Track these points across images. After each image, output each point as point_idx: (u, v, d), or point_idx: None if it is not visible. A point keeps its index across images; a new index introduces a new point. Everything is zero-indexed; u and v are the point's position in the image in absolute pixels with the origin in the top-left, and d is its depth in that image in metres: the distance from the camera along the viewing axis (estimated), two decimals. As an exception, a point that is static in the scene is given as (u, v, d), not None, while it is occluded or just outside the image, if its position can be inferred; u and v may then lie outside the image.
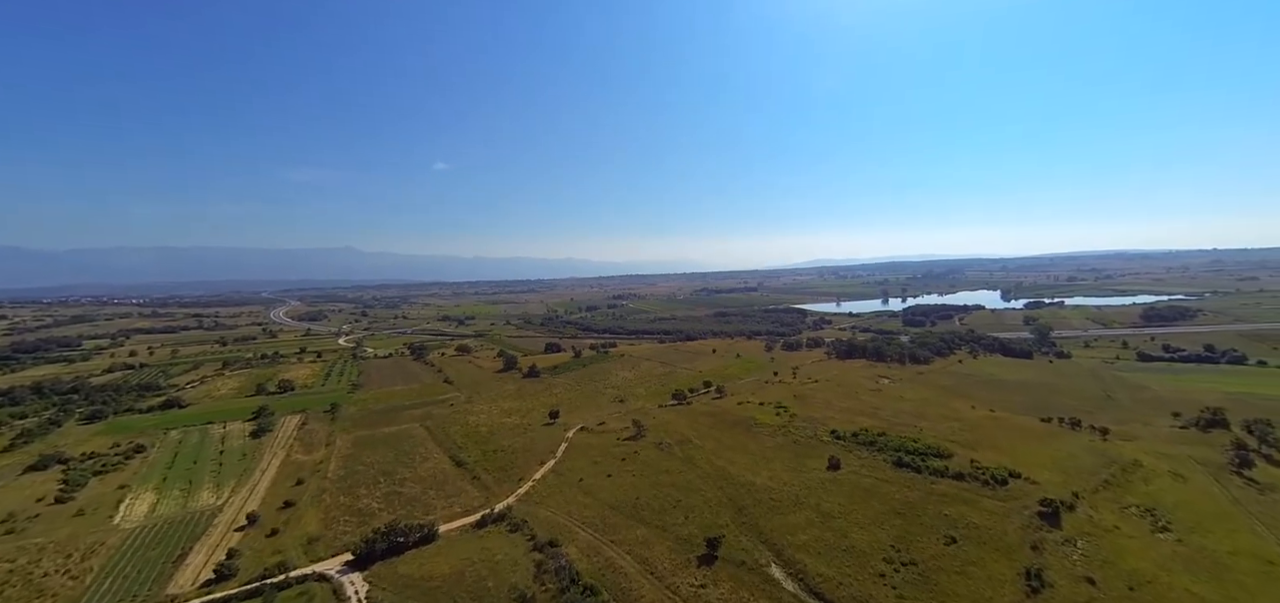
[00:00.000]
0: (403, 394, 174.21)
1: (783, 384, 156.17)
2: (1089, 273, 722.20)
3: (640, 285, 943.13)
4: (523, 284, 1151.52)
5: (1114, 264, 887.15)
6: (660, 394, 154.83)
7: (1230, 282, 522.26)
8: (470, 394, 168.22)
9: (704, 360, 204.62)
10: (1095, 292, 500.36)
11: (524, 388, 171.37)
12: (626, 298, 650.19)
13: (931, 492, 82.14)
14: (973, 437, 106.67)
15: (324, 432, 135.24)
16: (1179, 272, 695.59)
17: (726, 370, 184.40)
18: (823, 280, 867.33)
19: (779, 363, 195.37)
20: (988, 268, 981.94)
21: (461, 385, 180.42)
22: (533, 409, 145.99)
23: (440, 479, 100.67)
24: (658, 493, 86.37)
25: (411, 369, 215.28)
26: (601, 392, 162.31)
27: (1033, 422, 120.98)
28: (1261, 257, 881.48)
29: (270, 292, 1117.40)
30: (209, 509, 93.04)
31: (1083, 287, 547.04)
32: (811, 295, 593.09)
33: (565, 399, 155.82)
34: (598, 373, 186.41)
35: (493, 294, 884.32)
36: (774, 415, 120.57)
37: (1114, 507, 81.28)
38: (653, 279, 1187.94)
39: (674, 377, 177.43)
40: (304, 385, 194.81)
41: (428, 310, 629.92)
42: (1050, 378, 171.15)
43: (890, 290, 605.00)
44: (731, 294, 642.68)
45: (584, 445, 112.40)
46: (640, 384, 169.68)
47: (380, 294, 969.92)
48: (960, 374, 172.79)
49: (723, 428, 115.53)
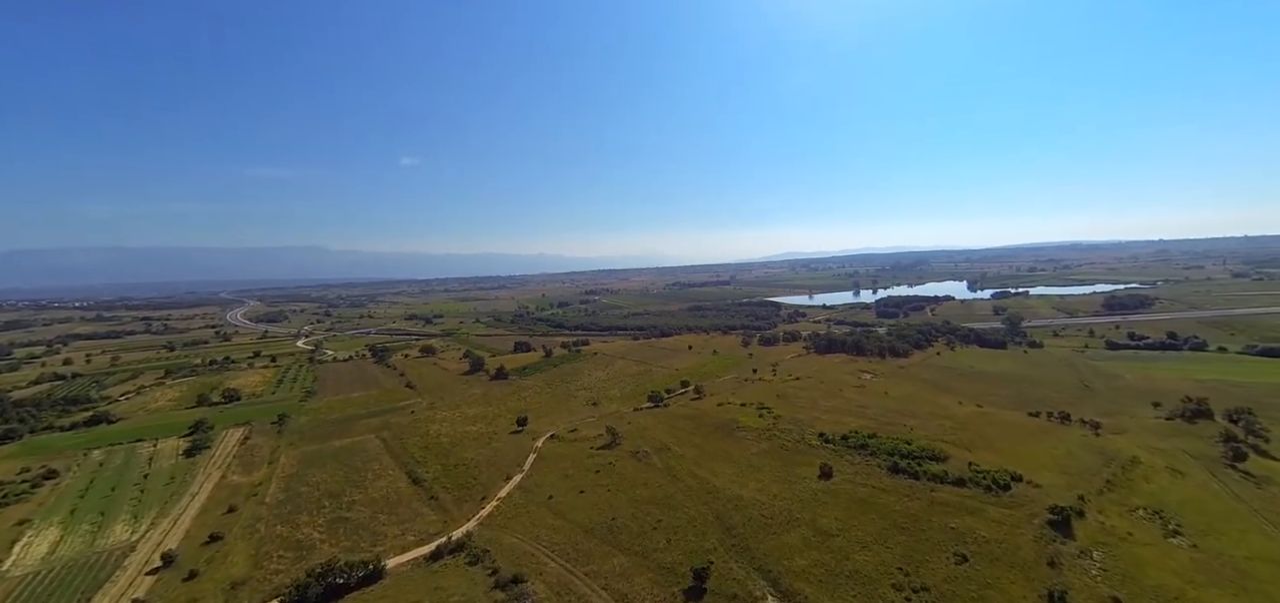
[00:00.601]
0: (360, 401, 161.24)
1: (763, 382, 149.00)
2: (1048, 264, 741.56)
3: (613, 280, 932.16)
4: (493, 281, 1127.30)
5: (1070, 255, 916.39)
6: (635, 395, 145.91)
7: (1177, 270, 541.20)
8: (433, 400, 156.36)
9: (680, 358, 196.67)
10: (1056, 282, 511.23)
11: (491, 391, 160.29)
12: (599, 293, 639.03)
13: (933, 501, 75.30)
14: (966, 436, 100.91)
15: (268, 447, 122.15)
16: (1130, 261, 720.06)
17: (704, 368, 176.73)
18: (794, 273, 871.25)
19: (757, 359, 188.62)
20: (953, 259, 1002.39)
21: (424, 390, 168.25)
22: (500, 415, 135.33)
23: (394, 500, 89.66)
24: (636, 512, 77.36)
25: (371, 373, 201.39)
26: (573, 394, 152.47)
27: (1021, 417, 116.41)
28: (1205, 247, 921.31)
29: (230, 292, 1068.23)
30: (120, 547, 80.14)
31: (1044, 277, 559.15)
32: (784, 288, 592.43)
33: (535, 403, 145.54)
34: (569, 373, 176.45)
35: (463, 291, 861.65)
36: (757, 417, 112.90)
37: (1121, 510, 75.90)
38: (626, 274, 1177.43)
39: (649, 376, 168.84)
40: (252, 394, 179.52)
41: (395, 309, 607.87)
42: (1027, 369, 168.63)
43: (861, 282, 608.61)
44: (705, 288, 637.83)
45: (554, 456, 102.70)
46: (614, 385, 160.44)
47: (346, 293, 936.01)
48: (941, 367, 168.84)
49: (704, 433, 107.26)
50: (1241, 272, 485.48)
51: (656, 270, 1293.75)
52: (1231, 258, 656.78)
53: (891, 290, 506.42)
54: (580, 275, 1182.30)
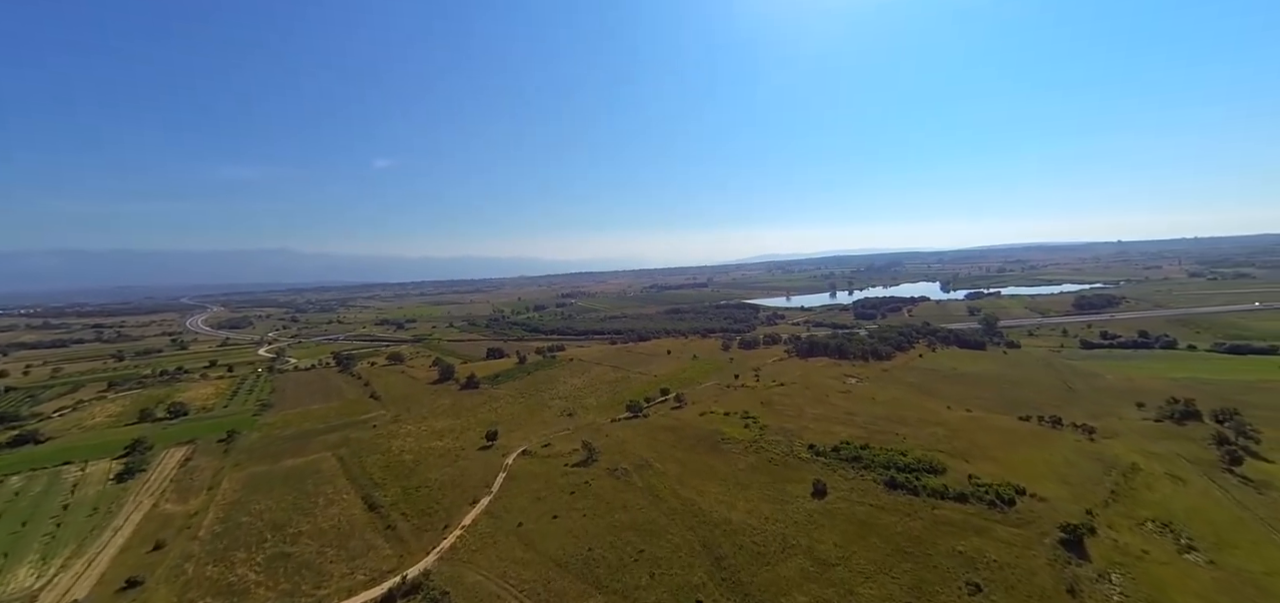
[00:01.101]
0: (319, 415, 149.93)
1: (746, 389, 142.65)
2: (1016, 265, 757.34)
3: (590, 283, 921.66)
4: (469, 284, 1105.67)
5: (1036, 256, 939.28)
6: (613, 405, 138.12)
7: (1138, 270, 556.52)
8: (398, 412, 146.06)
9: (659, 363, 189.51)
10: (1025, 282, 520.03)
11: (460, 402, 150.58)
12: (576, 296, 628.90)
13: (936, 520, 69.47)
14: (960, 444, 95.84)
15: (211, 469, 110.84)
16: (1093, 262, 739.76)
17: (684, 374, 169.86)
18: (771, 275, 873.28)
19: (738, 363, 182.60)
20: (925, 261, 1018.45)
21: (389, 401, 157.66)
22: (468, 428, 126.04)
23: (345, 531, 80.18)
24: (615, 541, 69.67)
25: (334, 383, 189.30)
26: (547, 404, 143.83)
27: (1012, 422, 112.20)
28: (1160, 248, 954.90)
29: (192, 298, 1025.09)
30: (20, 597, 69.22)
31: (1013, 277, 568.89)
32: (762, 290, 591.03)
33: (506, 414, 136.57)
34: (544, 381, 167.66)
35: (438, 295, 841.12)
36: (742, 428, 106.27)
37: (1130, 524, 71.19)
38: (603, 276, 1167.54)
39: (627, 383, 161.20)
40: (202, 407, 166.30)
41: (366, 314, 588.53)
42: (1008, 370, 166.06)
43: (837, 284, 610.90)
44: (682, 290, 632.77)
45: (526, 475, 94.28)
46: (591, 393, 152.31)
47: (317, 297, 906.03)
48: (924, 369, 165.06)
49: (687, 446, 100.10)
50: (1196, 271, 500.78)
51: (634, 273, 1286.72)
52: (1185, 258, 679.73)
53: (867, 291, 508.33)
54: (557, 278, 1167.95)
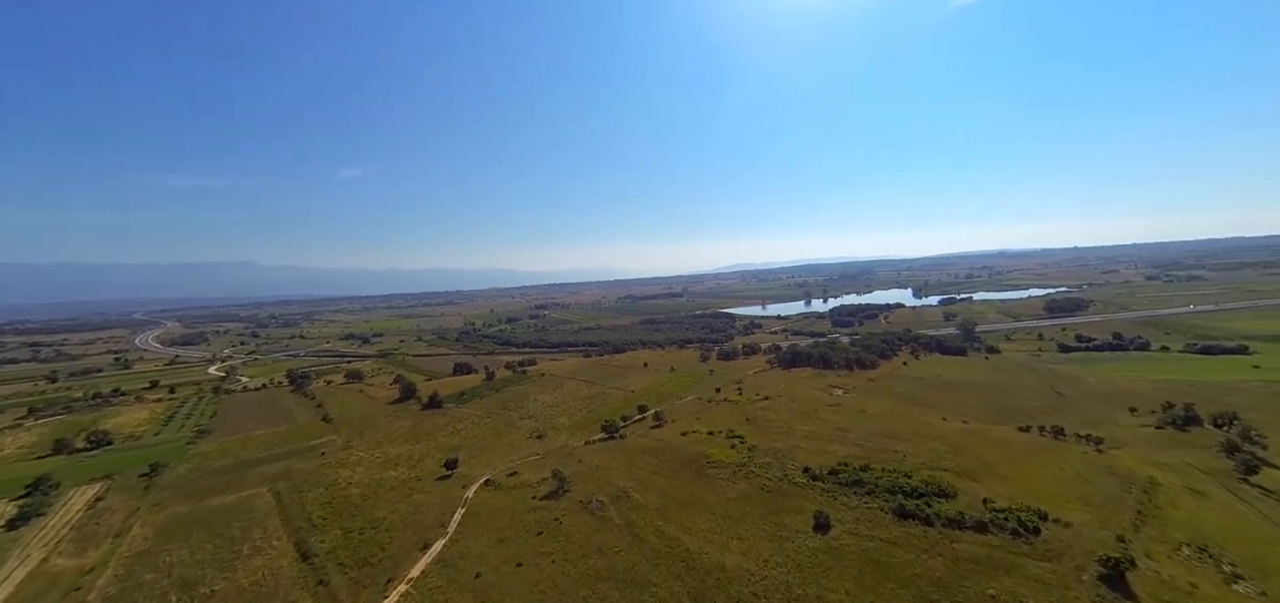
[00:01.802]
0: (262, 441, 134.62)
1: (730, 404, 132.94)
2: (982, 271, 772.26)
3: (564, 294, 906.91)
4: (440, 297, 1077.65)
5: (1000, 262, 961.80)
6: (587, 424, 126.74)
7: (1097, 274, 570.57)
8: (351, 436, 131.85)
9: (635, 376, 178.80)
10: (993, 287, 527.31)
11: (420, 424, 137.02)
12: (549, 307, 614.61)
13: (958, 556, 60.44)
14: (965, 461, 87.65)
15: (123, 511, 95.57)
16: (1053, 267, 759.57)
17: (662, 388, 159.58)
18: (745, 284, 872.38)
19: (719, 375, 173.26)
20: (896, 268, 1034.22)
21: (343, 424, 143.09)
22: (427, 455, 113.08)
23: (268, 589, 67.06)
24: (589, 595, 58.54)
25: (285, 404, 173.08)
26: (516, 424, 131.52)
27: (1011, 432, 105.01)
28: (1113, 253, 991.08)
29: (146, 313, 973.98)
30: None
31: (981, 283, 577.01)
32: (737, 299, 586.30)
33: (470, 437, 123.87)
34: (513, 399, 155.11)
35: (408, 308, 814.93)
36: (729, 449, 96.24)
37: (1166, 550, 63.43)
38: (577, 288, 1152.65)
39: (603, 399, 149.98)
40: (130, 436, 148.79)
41: (331, 328, 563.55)
42: (994, 376, 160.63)
43: (811, 292, 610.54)
44: (657, 301, 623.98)
45: (488, 511, 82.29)
46: (563, 411, 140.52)
47: (280, 312, 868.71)
48: (911, 378, 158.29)
49: (669, 472, 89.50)
50: (1152, 275, 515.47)
51: (608, 283, 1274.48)
52: (1138, 262, 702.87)
53: (843, 299, 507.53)
54: (531, 290, 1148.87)
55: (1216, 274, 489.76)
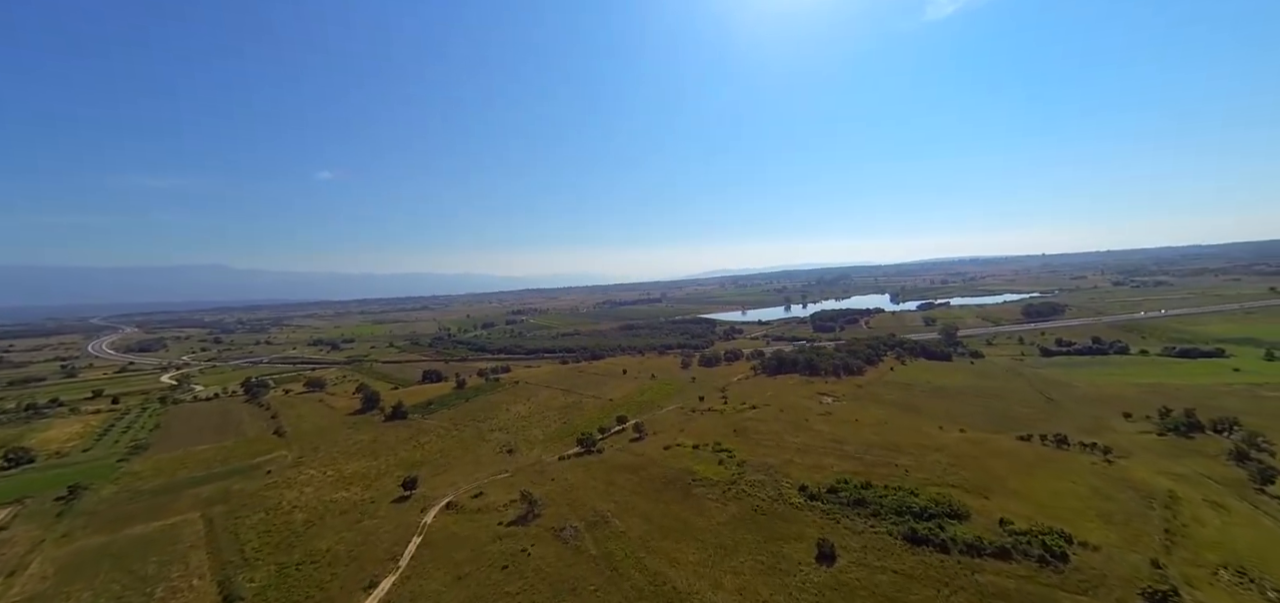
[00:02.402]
0: (204, 457, 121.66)
1: (715, 413, 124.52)
2: (956, 277, 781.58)
3: (541, 299, 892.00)
4: (416, 301, 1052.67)
5: (972, 269, 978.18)
6: (562, 437, 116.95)
7: (1065, 281, 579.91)
8: (304, 451, 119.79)
9: (614, 384, 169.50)
10: (968, 292, 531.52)
11: (381, 438, 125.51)
12: (527, 313, 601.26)
13: (982, 591, 52.74)
14: (971, 475, 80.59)
15: (25, 543, 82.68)
16: (1024, 274, 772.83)
17: (643, 396, 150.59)
18: (724, 290, 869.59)
19: (702, 383, 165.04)
20: (872, 274, 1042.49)
21: (296, 438, 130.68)
22: (386, 472, 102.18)
23: (176, 642, 56.17)
24: (559, 646, 49.33)
25: (236, 416, 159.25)
26: (485, 437, 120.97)
27: (1012, 442, 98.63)
28: (1080, 260, 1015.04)
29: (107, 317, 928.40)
30: None
31: (955, 289, 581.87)
32: (717, 304, 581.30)
33: (435, 452, 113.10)
34: (484, 409, 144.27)
35: (381, 313, 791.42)
36: (717, 465, 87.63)
37: (1205, 574, 56.73)
38: (555, 293, 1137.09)
39: (580, 409, 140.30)
40: (57, 452, 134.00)
41: (301, 333, 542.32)
42: (982, 382, 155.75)
43: (791, 297, 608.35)
44: (636, 306, 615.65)
45: (447, 540, 72.14)
46: (537, 423, 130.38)
47: (248, 317, 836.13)
48: (900, 384, 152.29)
49: (652, 493, 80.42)
50: (1119, 280, 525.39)
51: (586, 289, 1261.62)
52: (1104, 269, 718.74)
53: (822, 304, 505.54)
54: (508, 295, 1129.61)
55: (1181, 280, 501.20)
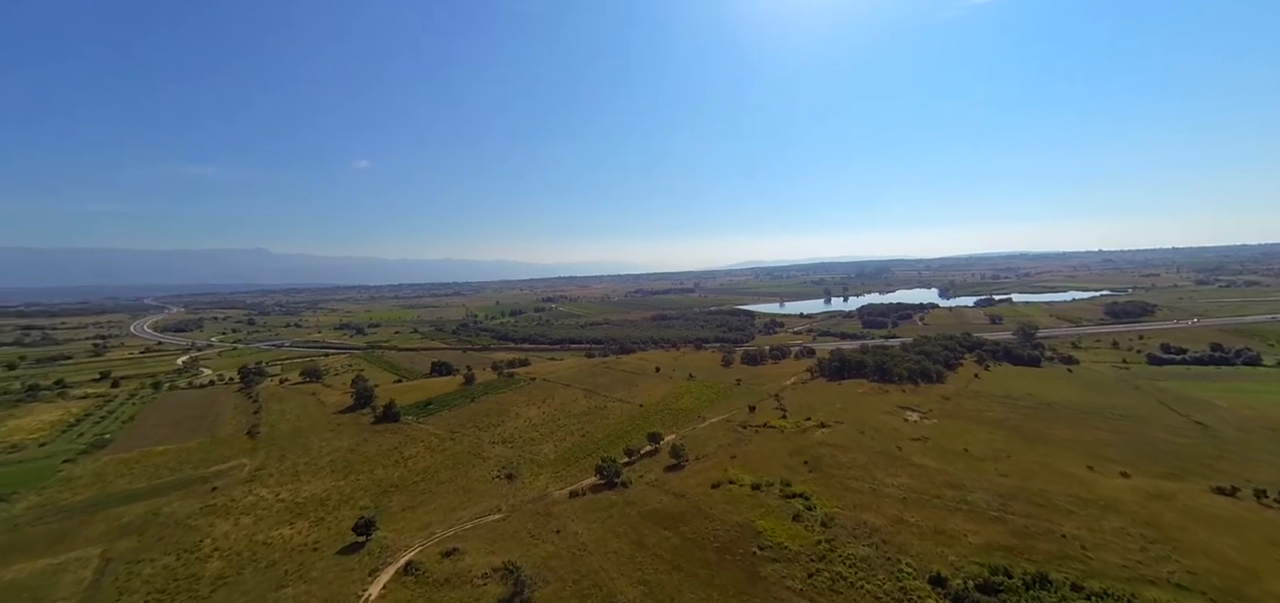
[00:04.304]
0: (157, 460, 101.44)
1: (773, 431, 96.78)
2: (1007, 272, 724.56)
3: (572, 287, 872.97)
4: (448, 287, 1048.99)
5: (1023, 264, 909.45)
6: (578, 457, 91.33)
7: (1134, 278, 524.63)
8: (267, 460, 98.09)
9: (645, 384, 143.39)
10: (1026, 289, 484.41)
11: (361, 446, 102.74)
12: (556, 300, 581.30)
13: None
14: (1196, 563, 51.27)
15: (-128, 583, 62.63)
16: (1084, 270, 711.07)
17: (679, 402, 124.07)
18: (758, 281, 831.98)
19: (749, 386, 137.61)
20: (914, 268, 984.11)
21: (268, 440, 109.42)
22: (349, 498, 78.93)
23: None
24: None
25: (218, 408, 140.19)
26: (483, 452, 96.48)
27: (1206, 496, 68.35)
28: (1146, 257, 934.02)
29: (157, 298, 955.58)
30: None
31: (1011, 284, 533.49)
32: (752, 296, 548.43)
33: (417, 472, 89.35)
34: (490, 412, 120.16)
35: (414, 298, 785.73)
36: (790, 521, 60.53)
37: None
38: (586, 281, 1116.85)
39: (603, 416, 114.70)
40: (11, 446, 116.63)
41: (330, 317, 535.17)
42: (1095, 397, 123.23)
43: (831, 289, 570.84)
44: (669, 295, 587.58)
45: (391, 633, 47.94)
46: (550, 434, 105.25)
47: (286, 299, 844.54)
48: (995, 396, 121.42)
49: (700, 567, 53.98)
50: (1203, 279, 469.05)
51: (617, 277, 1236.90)
52: (1175, 266, 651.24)
53: (866, 298, 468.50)
54: (539, 283, 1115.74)
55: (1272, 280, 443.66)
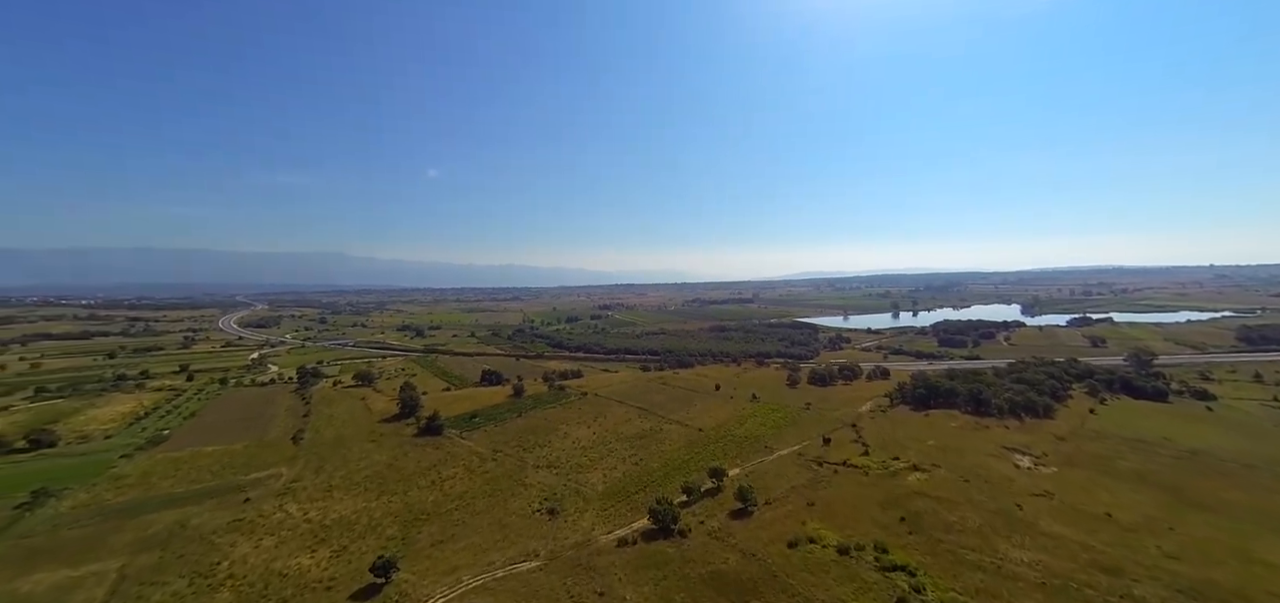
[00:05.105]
0: (206, 462, 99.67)
1: (855, 472, 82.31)
2: (1100, 288, 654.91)
3: (629, 295, 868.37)
4: (508, 292, 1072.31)
5: (1119, 279, 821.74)
6: (630, 491, 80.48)
7: (1259, 297, 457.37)
8: (305, 470, 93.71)
9: (705, 405, 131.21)
10: (1126, 307, 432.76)
11: (399, 462, 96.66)
12: (613, 308, 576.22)
13: None
14: None
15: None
16: (1194, 287, 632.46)
17: (743, 428, 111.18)
18: (820, 292, 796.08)
19: (819, 410, 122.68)
20: (988, 282, 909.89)
21: (310, 448, 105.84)
22: (376, 525, 71.91)
23: None
24: None
25: (272, 408, 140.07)
26: (525, 477, 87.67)
27: None
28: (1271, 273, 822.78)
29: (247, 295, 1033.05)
30: None
31: (1107, 302, 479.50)
32: (813, 308, 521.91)
33: (452, 497, 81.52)
34: (537, 429, 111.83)
35: (474, 302, 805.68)
36: None
37: None
38: (643, 289, 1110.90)
39: (658, 441, 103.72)
40: (82, 436, 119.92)
41: (394, 318, 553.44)
42: (1258, 445, 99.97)
43: (899, 303, 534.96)
44: (726, 306, 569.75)
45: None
46: (599, 459, 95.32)
47: (357, 299, 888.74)
48: (1124, 439, 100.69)
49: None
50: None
51: (675, 286, 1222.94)
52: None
53: (938, 313, 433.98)
54: (597, 289, 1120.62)
55: None
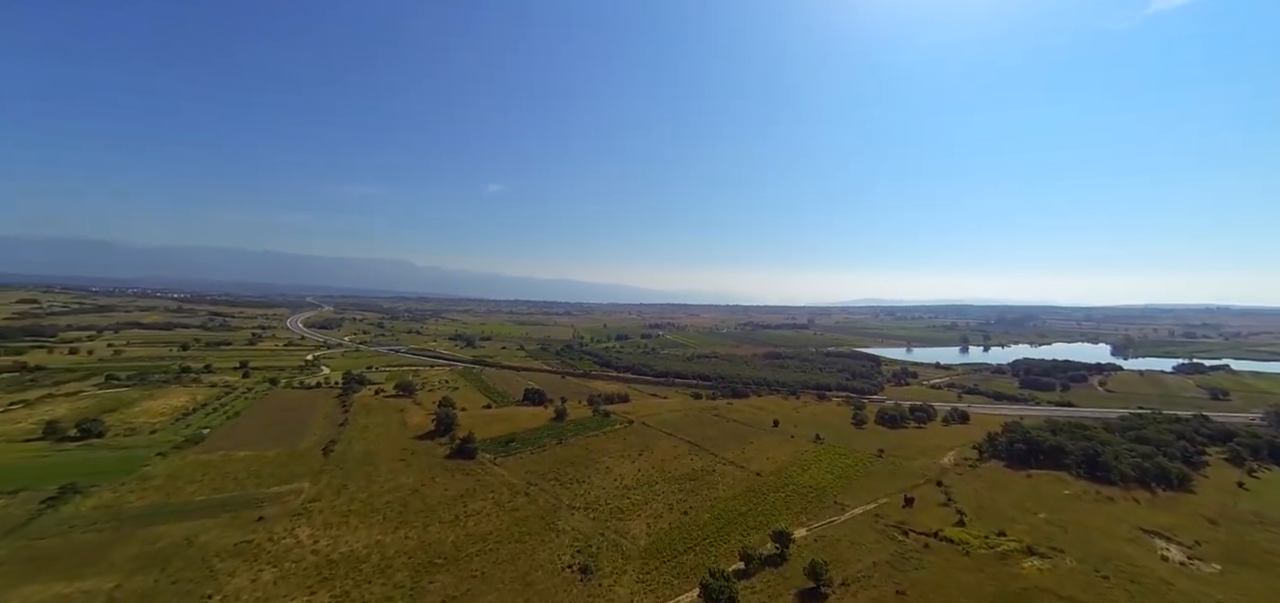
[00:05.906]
0: (233, 467, 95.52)
1: (953, 551, 66.76)
2: (1205, 329, 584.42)
3: (680, 314, 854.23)
4: (560, 306, 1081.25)
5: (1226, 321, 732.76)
6: (675, 549, 68.35)
7: None
8: (327, 489, 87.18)
9: (762, 444, 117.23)
10: (1244, 353, 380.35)
11: (425, 485, 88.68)
12: (663, 327, 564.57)
13: None
14: None
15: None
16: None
17: (806, 475, 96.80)
18: (879, 321, 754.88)
19: (893, 458, 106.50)
20: (1070, 317, 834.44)
21: (338, 464, 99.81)
22: (389, 564, 63.13)
23: None
24: None
25: (312, 415, 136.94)
26: (558, 521, 77.19)
27: None
28: None
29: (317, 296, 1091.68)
30: None
31: (1216, 346, 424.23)
32: (874, 337, 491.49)
33: (474, 537, 72.02)
34: (576, 461, 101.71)
35: (526, 314, 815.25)
36: None
37: None
38: (695, 309, 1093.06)
39: (710, 485, 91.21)
40: (129, 428, 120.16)
41: (448, 327, 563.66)
42: None
43: (968, 337, 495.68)
44: (780, 331, 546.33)
45: None
46: (643, 504, 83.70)
47: (416, 306, 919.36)
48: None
49: None
50: None
51: (727, 308, 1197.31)
52: None
53: (1016, 350, 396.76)
54: (647, 308, 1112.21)
55: None
